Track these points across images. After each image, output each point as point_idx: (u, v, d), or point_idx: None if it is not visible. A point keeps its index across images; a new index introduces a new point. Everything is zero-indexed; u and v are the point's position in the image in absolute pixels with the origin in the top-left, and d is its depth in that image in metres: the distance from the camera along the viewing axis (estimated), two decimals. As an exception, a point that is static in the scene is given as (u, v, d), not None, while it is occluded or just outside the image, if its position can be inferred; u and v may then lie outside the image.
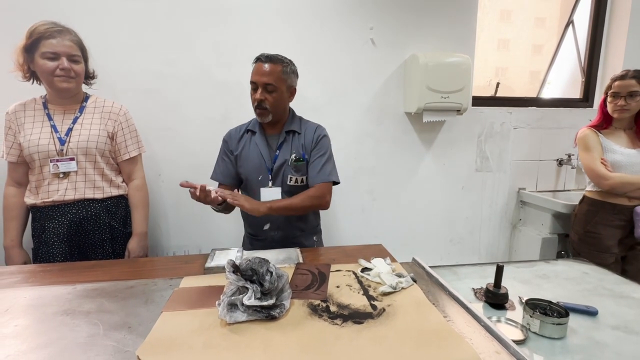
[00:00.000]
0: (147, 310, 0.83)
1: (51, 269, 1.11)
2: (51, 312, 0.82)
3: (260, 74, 1.28)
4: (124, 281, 0.99)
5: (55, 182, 1.32)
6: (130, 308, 0.84)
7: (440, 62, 1.92)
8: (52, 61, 1.25)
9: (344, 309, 0.83)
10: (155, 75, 1.79)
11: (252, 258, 0.85)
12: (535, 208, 2.23)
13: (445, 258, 2.30)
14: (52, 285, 0.96)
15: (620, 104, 1.66)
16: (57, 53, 1.25)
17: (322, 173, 1.35)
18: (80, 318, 0.79)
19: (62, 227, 1.33)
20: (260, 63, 1.29)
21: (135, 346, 0.69)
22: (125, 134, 1.44)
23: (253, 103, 1.32)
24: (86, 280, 0.99)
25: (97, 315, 0.80)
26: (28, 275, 1.05)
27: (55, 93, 1.33)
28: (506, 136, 2.26)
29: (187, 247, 1.97)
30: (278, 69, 1.28)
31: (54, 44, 1.24)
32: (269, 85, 1.28)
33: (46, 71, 1.25)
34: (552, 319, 0.82)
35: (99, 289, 0.94)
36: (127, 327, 0.76)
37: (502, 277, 0.96)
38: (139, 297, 0.89)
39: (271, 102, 1.30)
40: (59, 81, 1.27)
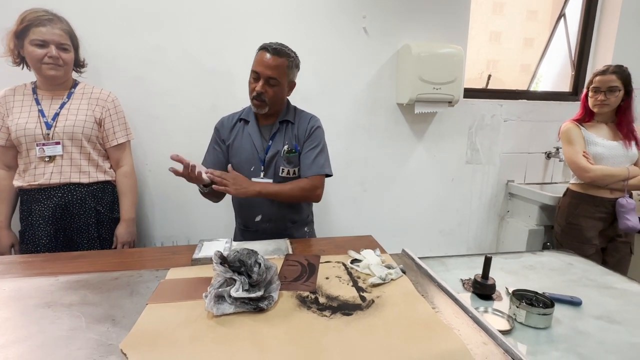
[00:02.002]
0: (132, 302, 0.81)
1: (33, 259, 1.08)
2: (32, 305, 0.79)
3: (264, 65, 1.23)
4: (109, 272, 0.96)
5: (41, 166, 1.33)
6: (115, 300, 0.82)
7: (433, 53, 1.91)
8: (40, 48, 1.27)
9: (333, 300, 0.83)
10: (142, 61, 1.74)
11: (240, 249, 0.83)
12: (523, 200, 2.26)
13: (435, 249, 2.33)
14: (34, 277, 0.93)
15: (600, 98, 1.69)
16: (46, 41, 1.26)
17: (314, 165, 1.32)
18: (62, 311, 0.77)
19: (48, 210, 1.34)
20: (266, 53, 1.23)
21: (119, 339, 0.67)
22: (113, 120, 1.44)
23: (251, 92, 1.27)
24: (69, 272, 0.96)
25: (80, 308, 0.78)
26: (9, 266, 1.02)
27: (43, 80, 1.34)
28: (496, 128, 2.27)
29: (175, 238, 1.94)
30: (284, 63, 1.24)
31: (44, 32, 1.26)
32: (271, 79, 1.24)
33: (34, 58, 1.27)
34: (537, 310, 0.83)
35: (83, 280, 0.91)
36: (111, 319, 0.74)
37: (489, 269, 0.96)
38: (123, 288, 0.87)
39: (271, 95, 1.26)
40: (46, 68, 1.29)
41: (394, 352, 0.65)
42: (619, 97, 1.67)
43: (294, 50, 1.30)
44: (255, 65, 1.26)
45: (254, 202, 1.35)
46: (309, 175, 1.31)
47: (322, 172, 1.33)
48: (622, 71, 1.66)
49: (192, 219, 1.94)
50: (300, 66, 1.36)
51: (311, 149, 1.34)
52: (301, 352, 0.65)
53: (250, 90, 1.28)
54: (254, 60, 1.27)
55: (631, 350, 0.77)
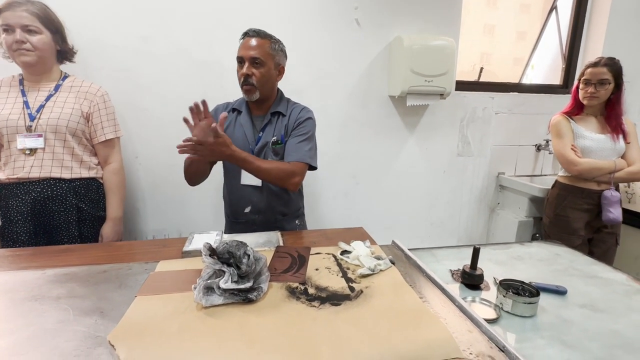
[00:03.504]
0: (121, 295, 0.81)
1: (20, 253, 1.06)
2: (19, 298, 0.78)
3: (247, 48, 1.24)
4: (97, 265, 0.95)
5: (21, 159, 1.28)
6: (103, 293, 0.81)
7: (425, 45, 1.90)
8: (8, 34, 1.22)
9: (322, 291, 0.83)
10: (131, 52, 1.71)
11: (230, 241, 0.83)
12: (513, 192, 2.28)
13: (426, 240, 2.35)
14: (21, 270, 0.92)
15: (590, 91, 1.70)
16: (10, 25, 1.22)
17: (297, 151, 1.27)
18: (50, 303, 0.76)
19: (26, 206, 1.30)
20: (247, 38, 1.25)
21: (107, 331, 0.67)
22: (102, 115, 1.40)
23: (239, 79, 1.27)
24: (57, 265, 0.95)
25: (68, 301, 0.78)
26: (-5, 260, 1.01)
27: (21, 68, 1.30)
28: (488, 121, 2.28)
29: (167, 231, 1.93)
30: (266, 44, 1.25)
31: (8, 16, 1.21)
32: (256, 60, 1.23)
33: (5, 46, 1.24)
34: (523, 299, 0.85)
35: (70, 273, 0.90)
36: (99, 312, 0.74)
37: (478, 259, 0.98)
38: (112, 281, 0.87)
39: (258, 77, 1.25)
40: (17, 55, 1.24)
41: (380, 341, 0.66)
42: (609, 90, 1.68)
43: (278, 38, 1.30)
44: (239, 51, 1.26)
45: (244, 192, 1.34)
46: (290, 160, 1.27)
47: (304, 160, 1.28)
48: (613, 64, 1.67)
49: (183, 212, 1.93)
50: (287, 53, 1.35)
51: (297, 136, 1.31)
52: (289, 342, 0.65)
53: (239, 78, 1.27)
54: (238, 48, 1.27)
55: (613, 336, 0.79)
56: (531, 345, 0.76)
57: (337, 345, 0.64)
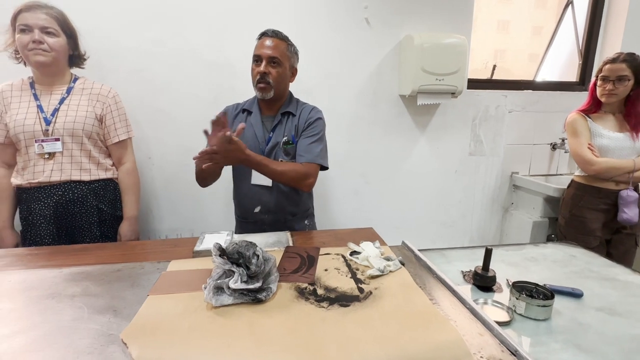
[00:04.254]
0: (133, 293, 0.82)
1: (39, 252, 1.09)
2: (35, 296, 0.81)
3: (265, 47, 1.26)
4: (111, 264, 0.98)
5: (40, 163, 1.30)
6: (116, 291, 0.83)
7: (436, 43, 1.88)
8: (25, 34, 1.24)
9: (331, 292, 0.83)
10: (144, 54, 1.74)
11: (239, 241, 0.84)
12: (528, 192, 2.24)
13: (437, 241, 2.32)
14: (38, 269, 0.95)
15: (609, 88, 1.64)
16: (29, 25, 1.24)
17: (309, 152, 1.29)
18: (65, 302, 0.79)
19: (48, 209, 1.32)
20: (266, 37, 1.28)
21: (119, 329, 0.68)
22: (114, 116, 1.42)
23: (255, 77, 1.28)
24: (73, 264, 0.98)
25: (82, 299, 0.80)
26: (15, 258, 1.04)
27: (35, 69, 1.31)
28: (501, 120, 2.24)
29: (179, 231, 1.96)
30: (283, 46, 1.28)
31: (27, 17, 1.23)
32: (274, 59, 1.26)
33: (21, 45, 1.25)
34: (537, 301, 0.83)
35: (85, 272, 0.93)
36: (112, 310, 0.76)
37: (490, 260, 0.96)
38: (125, 280, 0.89)
39: (275, 76, 1.27)
40: (32, 54, 1.25)
41: (389, 342, 0.66)
42: (628, 86, 1.63)
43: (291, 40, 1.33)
44: (256, 50, 1.29)
45: (253, 193, 1.35)
46: (303, 161, 1.29)
47: (316, 161, 1.30)
48: (633, 59, 1.62)
49: (195, 212, 1.95)
50: (299, 57, 1.36)
51: (308, 137, 1.32)
52: (298, 343, 0.65)
53: (254, 76, 1.29)
54: (255, 47, 1.30)
55: (631, 341, 0.77)
56: (545, 350, 0.74)
57: (346, 347, 0.64)
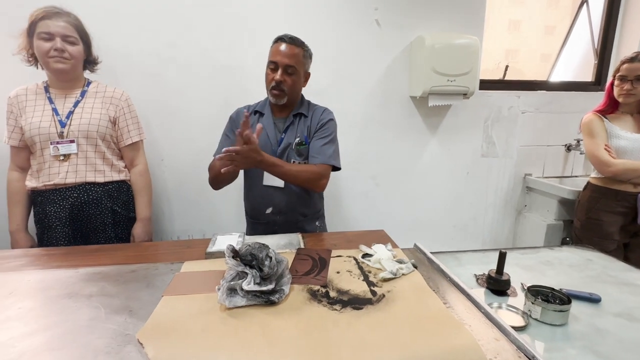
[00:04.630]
0: (148, 294, 0.84)
1: (55, 252, 1.12)
2: (54, 295, 0.83)
3: (282, 54, 1.26)
4: (126, 265, 0.99)
5: (55, 165, 1.32)
6: (132, 292, 0.85)
7: (447, 44, 1.87)
8: (46, 42, 1.26)
9: (344, 294, 0.83)
10: (157, 58, 1.77)
11: (252, 243, 0.85)
12: (541, 194, 2.20)
13: (449, 244, 2.30)
14: (56, 269, 0.97)
15: (627, 88, 1.61)
16: (51, 33, 1.26)
17: (322, 154, 1.31)
18: (82, 301, 0.80)
19: (64, 211, 1.34)
20: (282, 43, 1.27)
21: (135, 329, 0.70)
22: (127, 119, 1.45)
23: (269, 83, 1.29)
24: (89, 264, 1.00)
25: (99, 299, 0.81)
26: (33, 258, 1.06)
27: (52, 75, 1.34)
28: (514, 121, 2.21)
29: (191, 232, 1.98)
30: (300, 53, 1.28)
31: (49, 25, 1.26)
32: (289, 67, 1.26)
33: (41, 52, 1.27)
34: (553, 306, 0.82)
35: (101, 272, 0.95)
36: (128, 310, 0.77)
37: (504, 264, 0.95)
38: (140, 281, 0.90)
39: (289, 84, 1.28)
40: (53, 62, 1.28)
41: (403, 346, 0.65)
42: None
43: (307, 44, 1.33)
44: (272, 56, 1.28)
45: (265, 193, 1.36)
46: (316, 162, 1.30)
47: (329, 162, 1.31)
48: None
49: (207, 214, 1.97)
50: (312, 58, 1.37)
51: (321, 138, 1.33)
52: (311, 345, 0.66)
53: (269, 81, 1.29)
54: (270, 51, 1.29)
55: (652, 348, 0.75)
56: (562, 356, 0.72)
57: (359, 350, 0.64)
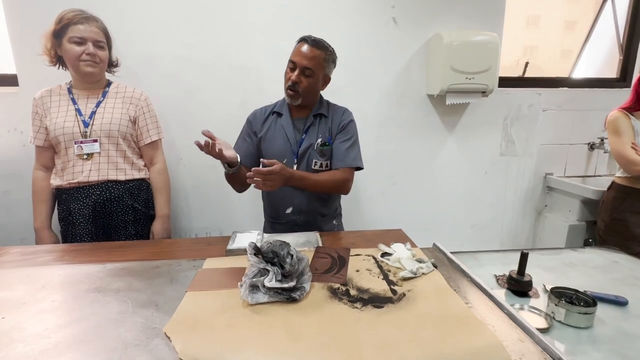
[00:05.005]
0: (173, 289, 0.86)
1: (82, 248, 1.16)
2: (84, 289, 0.86)
3: (301, 55, 1.27)
4: (150, 261, 1.03)
5: (79, 164, 1.37)
6: (157, 287, 0.87)
7: (466, 41, 1.84)
8: (79, 46, 1.31)
9: (364, 293, 0.84)
10: (176, 60, 1.80)
11: (273, 241, 0.86)
12: (563, 194, 2.15)
13: (467, 244, 2.27)
14: (84, 264, 1.01)
15: None
16: (84, 38, 1.31)
17: (346, 157, 1.34)
18: (111, 295, 0.83)
19: (87, 209, 1.39)
20: (304, 44, 1.28)
21: (162, 323, 0.72)
22: (146, 118, 1.48)
23: (286, 82, 1.31)
24: (115, 260, 1.03)
25: (126, 293, 0.84)
26: (61, 254, 1.11)
27: (80, 78, 1.38)
28: (534, 119, 2.16)
29: (209, 229, 2.02)
30: (321, 56, 1.28)
31: (82, 30, 1.30)
32: (307, 70, 1.27)
33: (73, 55, 1.31)
34: (578, 308, 0.80)
35: (127, 268, 0.98)
36: (154, 305, 0.79)
37: (526, 264, 0.94)
38: (164, 276, 0.93)
39: (305, 86, 1.29)
40: (84, 65, 1.33)
41: (426, 345, 0.65)
42: None
43: (332, 47, 1.33)
44: (293, 55, 1.29)
45: (285, 194, 1.37)
46: (340, 167, 1.34)
47: (353, 165, 1.35)
48: None
49: (224, 212, 2.00)
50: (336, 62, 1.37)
51: (343, 141, 1.36)
52: (334, 342, 0.66)
53: (286, 80, 1.31)
54: (293, 51, 1.31)
55: (683, 353, 0.73)
56: (587, 359, 0.71)
57: (382, 348, 0.65)
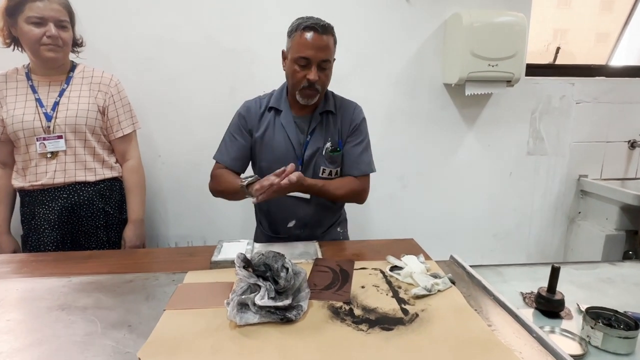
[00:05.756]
0: (149, 307, 0.85)
1: (44, 259, 1.16)
2: (45, 307, 0.85)
3: (316, 48, 1.17)
4: (122, 274, 1.02)
5: (43, 163, 1.35)
6: (130, 304, 0.87)
7: (489, 23, 1.85)
8: (38, 27, 1.26)
9: (371, 313, 0.84)
10: (154, 41, 1.80)
11: (266, 252, 0.86)
12: (599, 199, 2.16)
13: (488, 256, 2.27)
14: (46, 277, 1.00)
15: None
16: (44, 18, 1.26)
17: (361, 163, 1.34)
18: (77, 314, 0.83)
19: (53, 213, 1.37)
20: (313, 33, 1.16)
21: (136, 347, 0.71)
22: (117, 107, 1.46)
23: (299, 82, 1.21)
24: (82, 273, 1.03)
25: (95, 312, 0.83)
26: (20, 265, 1.10)
27: (40, 63, 1.34)
28: (566, 112, 2.17)
29: (190, 238, 2.01)
30: (332, 41, 1.23)
31: (41, 8, 1.25)
32: (324, 62, 1.20)
33: (31, 39, 1.27)
34: (618, 332, 0.81)
35: (96, 282, 0.97)
36: (127, 325, 0.79)
37: (557, 281, 0.94)
38: (139, 292, 0.92)
39: (323, 81, 1.23)
40: (45, 50, 1.29)
41: (442, 374, 0.65)
42: None
43: None
44: (302, 50, 1.17)
45: (288, 205, 1.32)
46: (355, 174, 1.33)
47: (369, 171, 1.35)
48: None
49: (209, 218, 2.00)
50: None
51: (356, 144, 1.34)
52: (335, 370, 0.66)
53: (298, 80, 1.21)
54: (297, 43, 1.18)
55: None
56: (629, 390, 0.71)
57: (391, 377, 0.64)
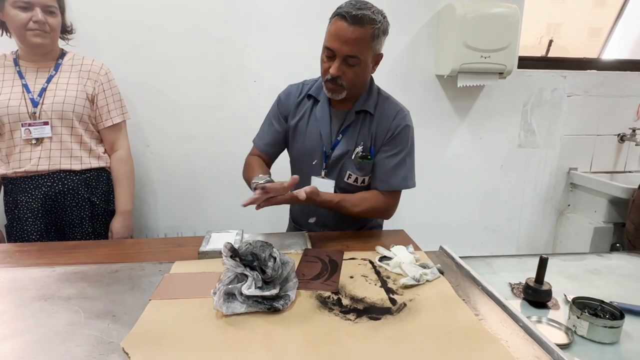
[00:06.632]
0: (134, 297, 0.84)
1: (28, 249, 1.13)
2: (28, 297, 0.84)
3: (342, 40, 1.06)
4: (108, 264, 1.00)
5: (27, 150, 1.33)
6: (115, 294, 0.85)
7: (482, 14, 1.84)
8: (24, 12, 1.25)
9: (358, 302, 0.83)
10: (144, 28, 1.77)
11: (253, 241, 0.85)
12: (588, 192, 2.18)
13: (478, 248, 2.30)
14: (29, 267, 0.98)
15: None
16: (31, 3, 1.25)
17: (392, 178, 1.21)
18: (60, 304, 0.81)
19: (36, 202, 1.35)
20: (344, 23, 1.05)
21: (120, 337, 0.70)
22: (107, 96, 1.45)
23: (324, 74, 1.14)
24: (66, 263, 1.01)
25: (78, 302, 0.82)
26: (3, 255, 1.08)
27: (27, 49, 1.34)
28: (558, 105, 2.18)
29: (180, 229, 2.00)
30: (367, 35, 1.07)
31: None
32: (351, 58, 1.09)
33: (17, 24, 1.26)
34: (603, 321, 0.81)
35: (81, 272, 0.95)
36: (111, 315, 0.78)
37: (545, 271, 0.94)
38: (124, 282, 0.91)
39: (350, 78, 1.12)
40: (31, 35, 1.28)
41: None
42: None
43: (381, 11, 1.13)
44: (329, 40, 1.10)
45: None
46: (384, 189, 1.22)
47: (401, 188, 1.23)
48: None
49: (199, 209, 1.98)
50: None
51: (391, 156, 1.21)
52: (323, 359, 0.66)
53: (324, 71, 1.14)
54: (328, 29, 1.11)
55: None
56: (613, 378, 0.72)
57: (377, 366, 0.64)
